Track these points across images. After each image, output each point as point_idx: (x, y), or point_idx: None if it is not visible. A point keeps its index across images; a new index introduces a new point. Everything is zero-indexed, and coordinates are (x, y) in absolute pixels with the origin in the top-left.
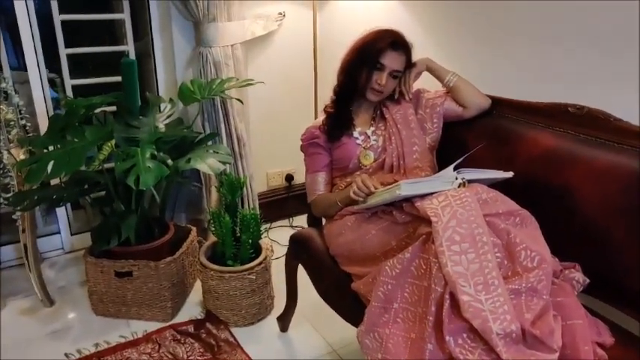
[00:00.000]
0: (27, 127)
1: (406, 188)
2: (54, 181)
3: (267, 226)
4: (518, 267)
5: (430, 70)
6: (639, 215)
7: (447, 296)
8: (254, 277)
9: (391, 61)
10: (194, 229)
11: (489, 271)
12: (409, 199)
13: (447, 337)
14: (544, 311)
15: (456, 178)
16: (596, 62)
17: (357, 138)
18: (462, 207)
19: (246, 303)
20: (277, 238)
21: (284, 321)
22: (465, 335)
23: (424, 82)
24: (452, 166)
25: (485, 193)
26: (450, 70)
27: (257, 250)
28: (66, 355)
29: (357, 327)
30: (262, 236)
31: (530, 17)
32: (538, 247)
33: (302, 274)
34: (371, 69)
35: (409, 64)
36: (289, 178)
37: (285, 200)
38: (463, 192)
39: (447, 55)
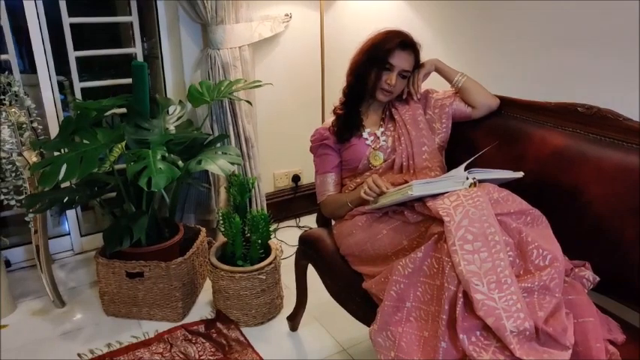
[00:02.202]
0: (38, 130)
1: (418, 189)
2: (65, 183)
3: (275, 226)
4: (530, 265)
5: (438, 70)
6: None
7: (460, 295)
8: (264, 277)
9: (400, 61)
10: (203, 229)
11: (502, 269)
12: (420, 199)
13: (461, 336)
14: (557, 309)
15: (467, 178)
16: (596, 62)
17: (366, 139)
18: (473, 206)
19: (257, 303)
20: (285, 238)
21: (294, 320)
22: (478, 333)
23: (433, 83)
24: (463, 166)
25: (497, 192)
26: (458, 70)
27: (266, 250)
28: (79, 355)
29: (368, 326)
30: (271, 236)
31: (535, 18)
32: (550, 245)
33: (311, 274)
34: (380, 69)
35: (417, 64)
36: (296, 178)
37: (292, 200)
38: (475, 191)
39: (454, 55)
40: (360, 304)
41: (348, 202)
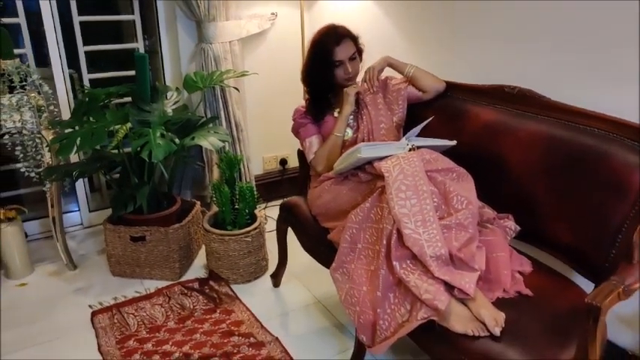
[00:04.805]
0: (54, 113)
1: (365, 151)
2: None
3: (264, 205)
4: (451, 209)
5: (391, 65)
6: (555, 172)
7: (394, 231)
8: (250, 240)
9: (343, 52)
10: (198, 202)
11: (427, 212)
12: (370, 163)
13: (394, 263)
14: (469, 242)
15: (407, 145)
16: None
17: (337, 117)
18: (408, 165)
19: (244, 263)
20: (272, 215)
21: (276, 278)
22: (408, 261)
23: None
24: (405, 136)
25: (429, 154)
26: (408, 63)
27: (253, 219)
28: (89, 306)
29: None
30: (257, 207)
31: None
32: (467, 194)
33: (291, 245)
34: (333, 69)
35: (358, 44)
36: (283, 162)
37: (280, 182)
38: (411, 154)
39: (422, 53)
40: (325, 252)
41: (335, 134)
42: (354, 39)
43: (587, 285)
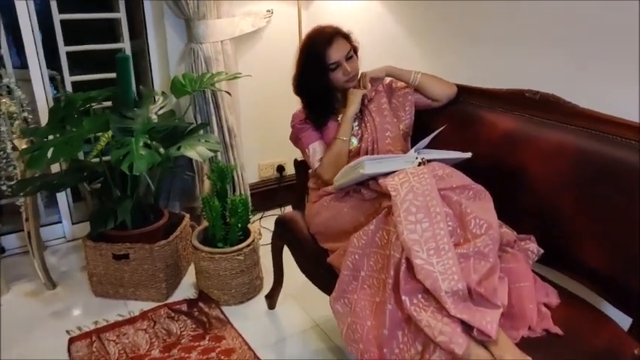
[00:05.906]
0: (28, 120)
1: (369, 167)
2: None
3: (260, 215)
4: (468, 234)
5: (392, 75)
6: (584, 188)
7: (403, 261)
8: (242, 258)
9: (337, 52)
10: (187, 215)
11: (441, 237)
12: (375, 178)
13: (403, 297)
14: (490, 273)
15: (416, 158)
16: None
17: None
18: (418, 182)
19: (236, 282)
20: (269, 226)
21: (271, 299)
22: (419, 296)
23: None
24: (413, 148)
25: (442, 169)
26: (412, 70)
27: (246, 234)
28: (67, 331)
29: None
30: (250, 220)
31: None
32: (487, 216)
33: (288, 260)
34: (329, 73)
35: (350, 40)
36: (280, 169)
37: (277, 190)
38: (421, 169)
39: (425, 52)
40: (325, 276)
41: (339, 138)
42: (345, 36)
43: (616, 314)
